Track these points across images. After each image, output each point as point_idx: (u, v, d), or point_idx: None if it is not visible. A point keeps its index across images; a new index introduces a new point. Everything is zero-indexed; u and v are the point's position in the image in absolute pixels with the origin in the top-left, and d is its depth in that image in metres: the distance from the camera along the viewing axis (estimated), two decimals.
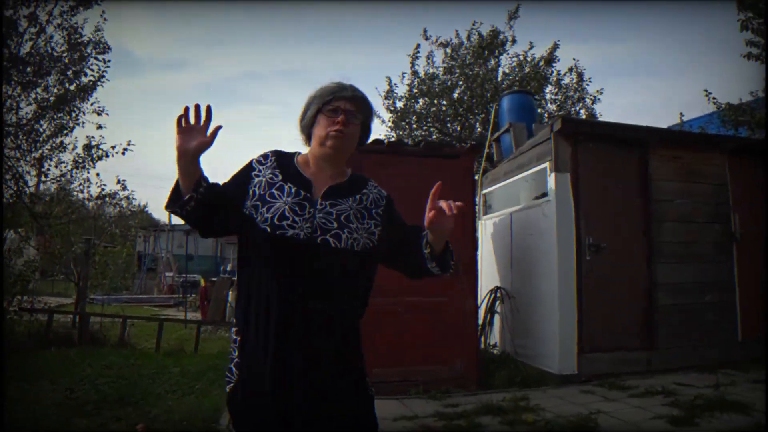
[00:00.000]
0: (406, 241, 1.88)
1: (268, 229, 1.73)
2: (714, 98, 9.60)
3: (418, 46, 12.66)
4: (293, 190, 1.81)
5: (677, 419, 3.83)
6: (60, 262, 9.78)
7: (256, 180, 1.83)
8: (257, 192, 1.80)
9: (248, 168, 1.87)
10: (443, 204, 1.69)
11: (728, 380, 4.93)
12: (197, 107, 1.64)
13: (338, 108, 1.85)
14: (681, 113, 12.63)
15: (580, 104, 12.38)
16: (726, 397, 4.22)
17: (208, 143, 1.66)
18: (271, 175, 1.84)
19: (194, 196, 1.68)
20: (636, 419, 3.92)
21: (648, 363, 5.48)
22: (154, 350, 7.66)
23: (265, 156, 1.90)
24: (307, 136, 1.93)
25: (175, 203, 1.71)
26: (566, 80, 12.52)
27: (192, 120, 1.64)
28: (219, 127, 1.67)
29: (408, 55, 12.43)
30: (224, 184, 1.86)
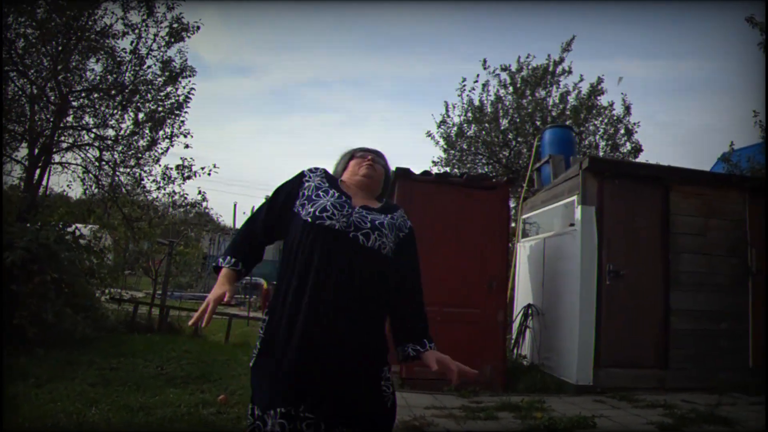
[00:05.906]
0: (401, 287, 2.14)
1: (310, 219, 2.00)
2: (761, 122, 9.66)
3: (478, 75, 13.44)
4: (336, 194, 2.10)
5: (666, 426, 4.39)
6: (144, 259, 11.07)
7: (306, 185, 2.15)
8: (306, 193, 2.12)
9: (300, 176, 2.20)
10: (453, 377, 2.05)
11: (731, 401, 5.42)
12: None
13: (365, 155, 2.31)
14: (732, 141, 12.76)
15: (626, 137, 12.76)
16: (717, 413, 4.73)
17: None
18: (319, 182, 2.16)
19: (243, 271, 2.16)
20: (630, 423, 4.54)
21: (661, 381, 6.01)
22: (224, 341, 8.72)
23: (315, 168, 2.24)
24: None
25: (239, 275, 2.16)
26: (616, 112, 12.94)
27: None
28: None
29: (462, 84, 13.23)
30: (275, 193, 2.20)
